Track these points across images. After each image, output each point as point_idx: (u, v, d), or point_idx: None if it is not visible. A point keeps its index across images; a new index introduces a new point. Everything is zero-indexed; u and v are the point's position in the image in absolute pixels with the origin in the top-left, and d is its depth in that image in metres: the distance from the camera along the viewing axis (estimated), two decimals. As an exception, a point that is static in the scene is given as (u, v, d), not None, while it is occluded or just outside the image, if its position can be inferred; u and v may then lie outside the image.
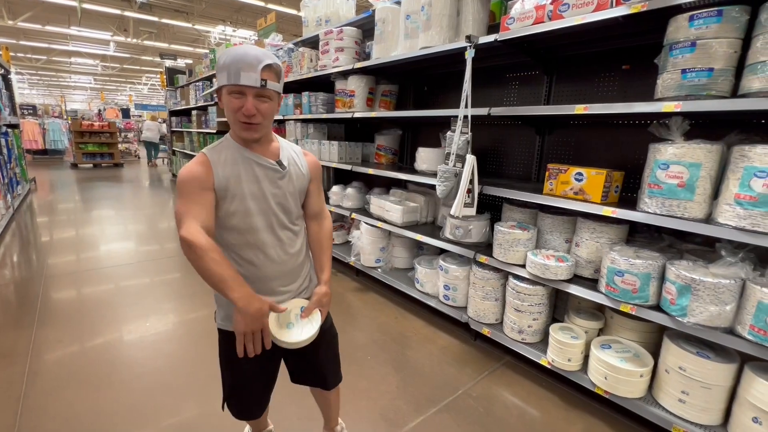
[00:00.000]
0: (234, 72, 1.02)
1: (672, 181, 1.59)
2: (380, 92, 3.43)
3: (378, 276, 3.22)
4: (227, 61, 1.03)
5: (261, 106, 1.07)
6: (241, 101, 1.05)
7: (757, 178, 1.38)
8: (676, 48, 1.58)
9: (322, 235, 1.32)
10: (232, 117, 1.08)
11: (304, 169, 1.26)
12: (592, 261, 1.99)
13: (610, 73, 2.27)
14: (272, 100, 1.09)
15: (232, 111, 1.07)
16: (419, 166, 2.95)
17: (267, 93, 1.07)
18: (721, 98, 1.50)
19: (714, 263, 1.56)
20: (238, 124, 1.09)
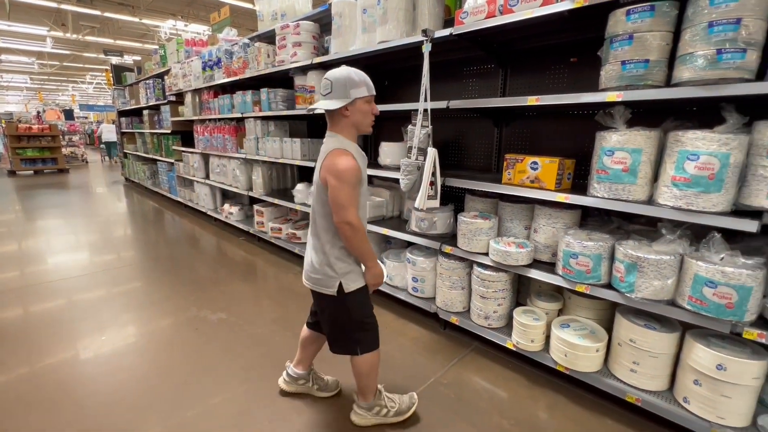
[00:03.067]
0: (369, 85, 1.50)
1: (617, 166, 1.71)
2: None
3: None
4: (360, 78, 1.48)
5: None
6: (372, 105, 1.53)
7: (689, 160, 1.52)
8: (615, 41, 1.69)
9: None
10: (367, 119, 1.53)
11: None
12: (549, 245, 2.11)
13: (560, 65, 2.40)
14: None
15: (368, 114, 1.52)
16: (383, 161, 2.98)
17: None
18: (656, 87, 1.63)
19: (656, 241, 1.70)
20: (368, 123, 1.55)
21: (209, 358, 2.29)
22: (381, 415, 1.77)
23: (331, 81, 1.47)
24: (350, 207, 1.42)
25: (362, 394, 1.77)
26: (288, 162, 3.73)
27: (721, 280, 1.47)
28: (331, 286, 1.56)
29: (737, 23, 1.40)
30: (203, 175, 5.54)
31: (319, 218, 1.55)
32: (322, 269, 1.57)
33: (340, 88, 1.46)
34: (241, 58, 4.17)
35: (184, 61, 5.49)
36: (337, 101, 1.47)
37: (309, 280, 1.63)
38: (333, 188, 1.42)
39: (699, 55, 1.47)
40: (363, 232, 1.48)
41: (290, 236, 4.01)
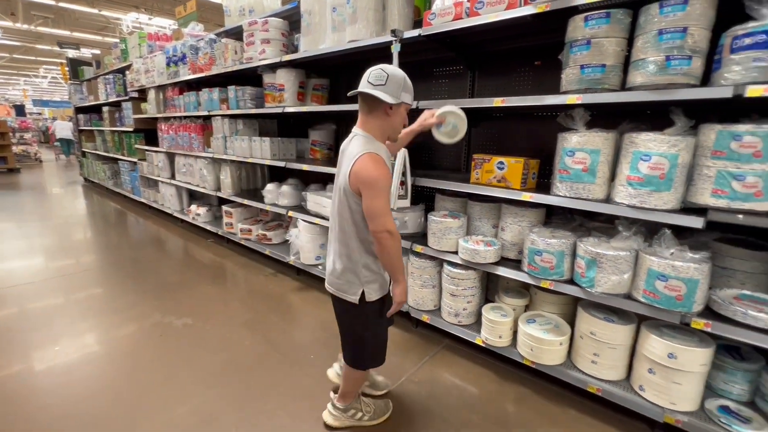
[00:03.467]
0: (413, 96, 1.51)
1: (577, 166, 1.80)
2: (311, 86, 3.42)
3: (319, 273, 3.23)
4: (410, 85, 1.48)
5: None
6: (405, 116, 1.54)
7: (642, 161, 1.62)
8: (575, 46, 1.77)
9: None
10: (401, 126, 1.54)
11: None
12: (516, 243, 2.19)
13: (525, 68, 2.48)
14: None
15: (402, 122, 1.53)
16: (354, 161, 3.00)
17: None
18: (613, 91, 1.73)
19: (614, 238, 1.80)
20: (400, 131, 1.57)
21: (174, 365, 2.24)
22: (355, 419, 1.78)
23: (388, 74, 1.41)
24: (387, 215, 1.38)
25: (342, 396, 1.78)
26: (258, 162, 3.68)
27: (671, 274, 1.57)
28: (354, 293, 1.54)
29: (684, 32, 1.50)
30: (168, 175, 5.38)
31: (348, 225, 1.49)
32: (346, 275, 1.54)
33: (395, 85, 1.42)
34: (207, 54, 4.08)
35: (146, 56, 5.31)
36: (389, 96, 1.41)
37: (331, 285, 1.61)
38: (368, 197, 1.38)
39: (650, 61, 1.56)
40: (400, 241, 1.45)
41: (261, 237, 3.96)
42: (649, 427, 1.77)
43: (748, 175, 1.42)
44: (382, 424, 1.80)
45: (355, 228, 1.48)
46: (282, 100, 3.32)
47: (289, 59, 3.12)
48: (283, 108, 3.30)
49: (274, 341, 2.48)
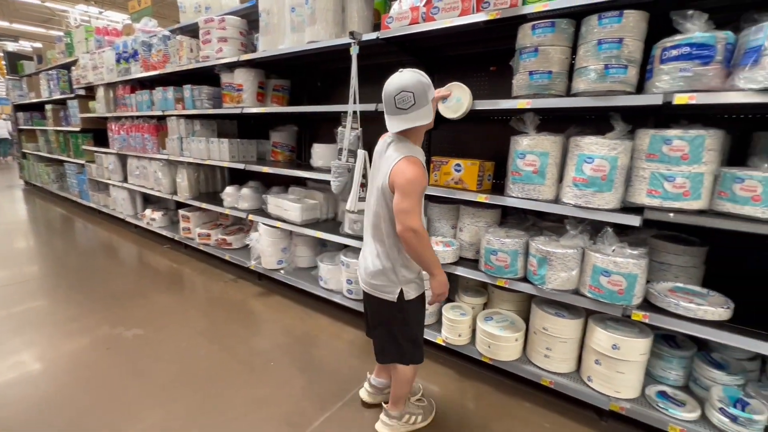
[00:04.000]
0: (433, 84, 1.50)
1: (528, 168, 1.90)
2: (271, 87, 3.40)
3: (281, 278, 3.22)
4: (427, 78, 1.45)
5: None
6: None
7: (586, 163, 1.73)
8: (524, 53, 1.88)
9: None
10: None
11: None
12: (473, 243, 2.28)
13: (482, 73, 2.59)
14: None
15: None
16: (315, 163, 3.01)
17: None
18: (558, 97, 1.84)
19: (563, 237, 1.92)
20: None
21: (122, 380, 2.14)
22: (410, 423, 1.78)
23: (413, 92, 1.41)
24: (414, 213, 1.40)
25: (394, 403, 1.77)
26: (216, 164, 3.61)
27: (613, 270, 1.70)
28: (392, 292, 1.58)
29: (620, 42, 1.63)
30: (120, 178, 5.16)
31: (385, 224, 1.53)
32: (384, 275, 1.57)
33: (422, 96, 1.43)
34: (161, 51, 3.96)
35: (94, 51, 5.07)
36: (426, 112, 1.45)
37: (368, 285, 1.63)
38: (399, 195, 1.41)
39: (591, 69, 1.68)
40: (427, 239, 1.46)
41: (220, 242, 3.88)
42: (597, 415, 1.89)
43: (677, 177, 1.56)
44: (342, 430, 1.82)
45: (393, 227, 1.51)
46: (241, 100, 3.29)
47: (248, 59, 3.09)
48: (242, 109, 3.26)
49: (232, 349, 2.44)
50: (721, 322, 1.58)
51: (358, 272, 1.70)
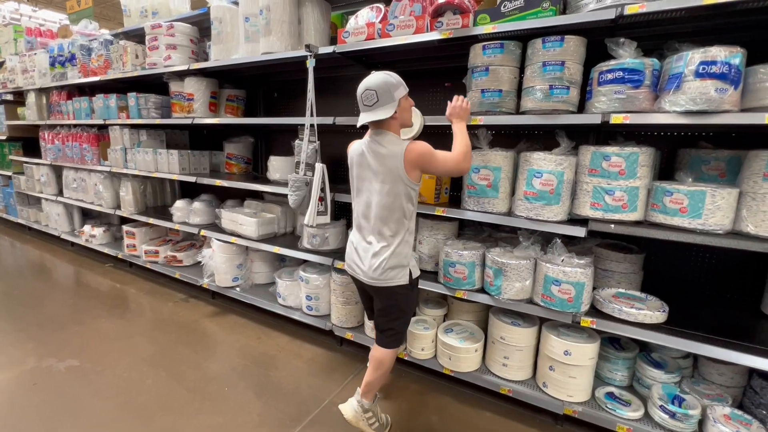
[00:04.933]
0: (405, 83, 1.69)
1: (482, 182, 2.03)
2: (225, 97, 3.37)
3: (237, 296, 3.16)
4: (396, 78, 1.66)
5: None
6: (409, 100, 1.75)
7: (536, 177, 1.87)
8: (476, 71, 2.01)
9: None
10: (409, 113, 1.75)
11: None
12: (432, 256, 2.36)
13: (437, 88, 2.72)
14: None
15: (409, 109, 1.74)
16: (272, 176, 3.01)
17: None
18: (508, 114, 1.99)
19: (516, 248, 2.04)
20: (410, 117, 1.77)
21: (52, 420, 1.96)
22: (368, 423, 1.82)
23: (376, 90, 1.62)
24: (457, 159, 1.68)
25: (369, 389, 1.82)
26: (165, 176, 3.49)
27: (563, 279, 1.83)
28: (404, 276, 1.74)
29: (562, 65, 1.79)
30: (54, 192, 4.85)
31: (398, 213, 1.69)
32: (399, 264, 1.72)
33: (386, 94, 1.62)
34: (102, 56, 3.81)
35: (24, 53, 4.78)
36: (388, 108, 1.64)
37: (377, 279, 1.73)
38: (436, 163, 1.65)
39: (537, 89, 1.83)
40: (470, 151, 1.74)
41: (170, 259, 3.74)
42: (553, 420, 2.01)
43: (616, 191, 1.72)
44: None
45: (396, 213, 1.69)
46: (192, 110, 3.23)
47: (199, 68, 3.05)
48: (192, 119, 3.20)
49: (182, 376, 2.35)
50: (659, 325, 1.75)
51: (358, 272, 1.80)
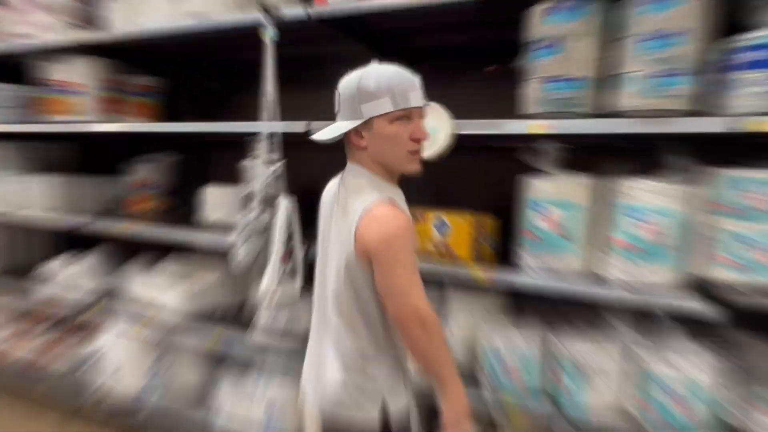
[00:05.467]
0: (400, 94, 1.57)
1: (549, 226, 2.10)
2: (133, 88, 3.54)
3: (146, 418, 3.22)
4: (381, 83, 1.57)
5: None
6: (408, 127, 1.61)
7: (634, 219, 1.94)
8: (538, 47, 2.10)
9: None
10: (399, 149, 1.63)
11: None
12: (467, 344, 2.44)
13: (472, 76, 2.87)
14: None
15: (402, 141, 1.62)
16: (208, 216, 3.13)
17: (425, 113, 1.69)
18: (589, 117, 2.05)
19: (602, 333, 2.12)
20: (406, 156, 1.65)
21: None
22: None
23: (340, 94, 1.66)
24: (414, 288, 1.54)
25: None
26: (32, 218, 3.64)
27: (679, 386, 1.88)
28: (370, 409, 1.65)
29: (675, 38, 1.84)
30: None
31: (352, 308, 1.66)
32: (354, 381, 1.66)
33: (347, 102, 1.64)
34: None
35: None
36: (345, 124, 1.64)
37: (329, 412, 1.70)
38: (384, 264, 1.55)
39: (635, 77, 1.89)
40: (439, 329, 1.60)
41: (37, 356, 3.83)
42: None
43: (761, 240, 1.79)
44: None
45: (362, 315, 1.66)
46: (77, 109, 3.36)
47: (89, 41, 3.18)
48: (80, 124, 3.34)
49: None
50: None
51: (307, 393, 1.80)
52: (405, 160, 1.66)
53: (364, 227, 1.56)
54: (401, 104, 1.57)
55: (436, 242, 2.38)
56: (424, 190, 3.01)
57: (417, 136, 1.62)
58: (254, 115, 2.67)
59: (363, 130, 1.62)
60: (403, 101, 1.57)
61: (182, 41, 3.13)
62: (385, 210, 1.56)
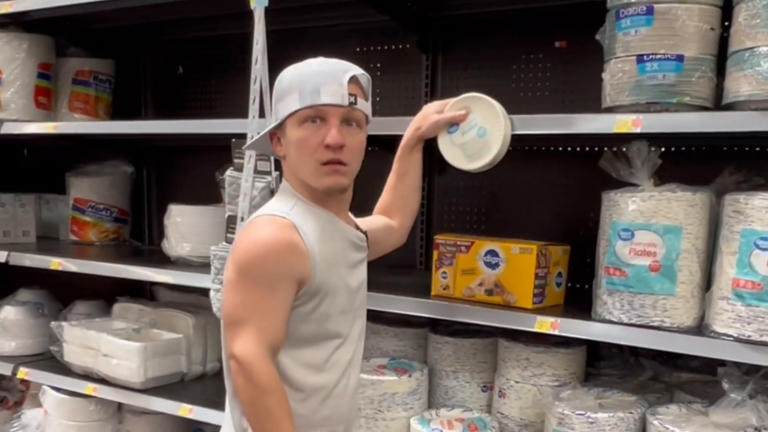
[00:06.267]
0: (311, 90, 1.60)
1: (640, 260, 2.05)
2: (71, 75, 3.61)
3: None
4: (295, 78, 1.65)
5: (349, 137, 1.64)
6: (321, 131, 1.60)
7: (759, 250, 1.93)
8: (625, 16, 2.07)
9: None
10: (308, 159, 1.64)
11: None
12: (528, 422, 2.39)
13: (535, 55, 2.86)
14: (362, 129, 1.72)
15: (309, 149, 1.63)
16: (173, 248, 3.14)
17: (356, 116, 1.68)
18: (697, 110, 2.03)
19: (716, 404, 2.05)
20: (317, 168, 1.64)
21: None
22: None
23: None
24: (247, 325, 1.55)
25: None
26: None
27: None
28: None
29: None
30: None
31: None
32: None
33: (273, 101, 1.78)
34: None
35: None
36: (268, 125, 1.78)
37: None
38: (226, 287, 1.68)
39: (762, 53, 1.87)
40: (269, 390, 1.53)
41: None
42: None
43: None
44: None
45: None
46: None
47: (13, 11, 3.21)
48: (0, 123, 3.38)
49: None
50: None
51: None
52: (315, 174, 1.66)
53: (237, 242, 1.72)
54: (308, 101, 1.60)
55: (484, 280, 2.36)
56: (468, 213, 3.01)
57: (328, 142, 1.59)
58: (238, 111, 2.70)
59: (282, 136, 1.73)
60: (312, 97, 1.60)
61: (139, 11, 3.18)
62: (261, 222, 1.66)
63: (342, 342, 1.76)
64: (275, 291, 1.56)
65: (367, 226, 2.02)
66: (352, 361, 1.82)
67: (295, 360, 1.67)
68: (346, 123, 1.64)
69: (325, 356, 1.72)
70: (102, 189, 3.81)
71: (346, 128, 1.63)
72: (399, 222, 2.26)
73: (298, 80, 1.64)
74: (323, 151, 1.60)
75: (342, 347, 1.76)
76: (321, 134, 1.59)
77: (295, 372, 1.67)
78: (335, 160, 1.61)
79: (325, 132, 1.59)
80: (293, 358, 1.67)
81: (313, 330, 1.69)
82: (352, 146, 1.65)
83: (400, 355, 2.76)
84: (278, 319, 1.57)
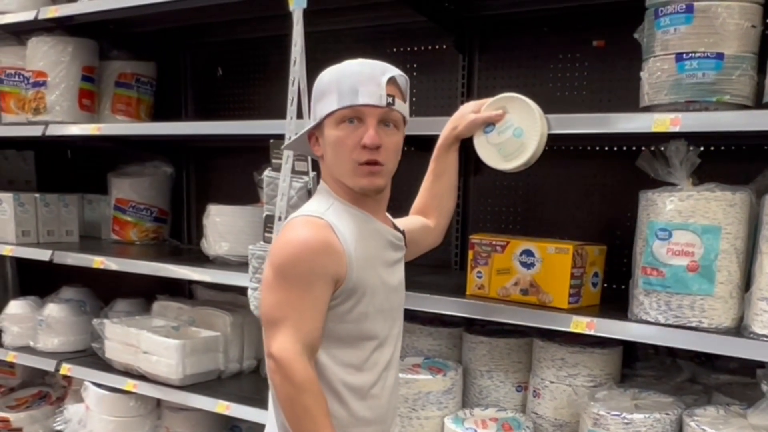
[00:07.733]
0: (349, 90, 1.61)
1: (678, 260, 2.02)
2: (114, 78, 3.65)
3: None
4: (334, 78, 1.66)
5: (386, 138, 1.64)
6: (358, 132, 1.61)
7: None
8: (665, 14, 2.05)
9: None
10: (345, 158, 1.65)
11: None
12: (563, 422, 2.38)
13: (573, 54, 2.84)
14: (399, 130, 1.73)
15: (346, 149, 1.64)
16: (212, 247, 3.17)
17: (394, 117, 1.68)
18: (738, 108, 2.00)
19: (755, 407, 2.01)
20: (354, 168, 1.65)
21: None
22: None
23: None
24: (283, 325, 1.56)
25: None
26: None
27: None
28: None
29: None
30: None
31: None
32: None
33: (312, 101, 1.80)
34: None
35: None
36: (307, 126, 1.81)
37: None
38: (263, 287, 1.69)
39: None
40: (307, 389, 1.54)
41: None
42: None
43: None
44: None
45: None
46: (41, 106, 3.46)
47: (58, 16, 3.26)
48: (45, 126, 3.44)
49: None
50: None
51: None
52: (351, 174, 1.67)
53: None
54: (346, 101, 1.60)
55: (519, 280, 2.34)
56: (503, 213, 3.00)
57: (365, 142, 1.60)
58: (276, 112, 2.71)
59: (320, 136, 1.74)
60: (350, 97, 1.60)
61: (180, 14, 3.18)
62: (296, 223, 1.68)
63: (380, 343, 1.76)
64: (311, 290, 1.56)
65: (404, 226, 2.02)
66: (390, 363, 1.82)
67: (334, 360, 1.67)
68: (384, 124, 1.64)
69: (363, 357, 1.72)
70: (142, 189, 3.87)
71: (384, 129, 1.63)
72: (435, 222, 2.26)
73: (337, 81, 1.65)
74: (360, 152, 1.61)
75: (380, 349, 1.76)
76: (358, 134, 1.60)
77: (334, 372, 1.67)
78: (372, 161, 1.62)
79: (362, 132, 1.59)
80: (332, 357, 1.67)
81: (350, 330, 1.69)
82: (388, 147, 1.65)
83: (434, 354, 2.75)
84: (314, 319, 1.57)
